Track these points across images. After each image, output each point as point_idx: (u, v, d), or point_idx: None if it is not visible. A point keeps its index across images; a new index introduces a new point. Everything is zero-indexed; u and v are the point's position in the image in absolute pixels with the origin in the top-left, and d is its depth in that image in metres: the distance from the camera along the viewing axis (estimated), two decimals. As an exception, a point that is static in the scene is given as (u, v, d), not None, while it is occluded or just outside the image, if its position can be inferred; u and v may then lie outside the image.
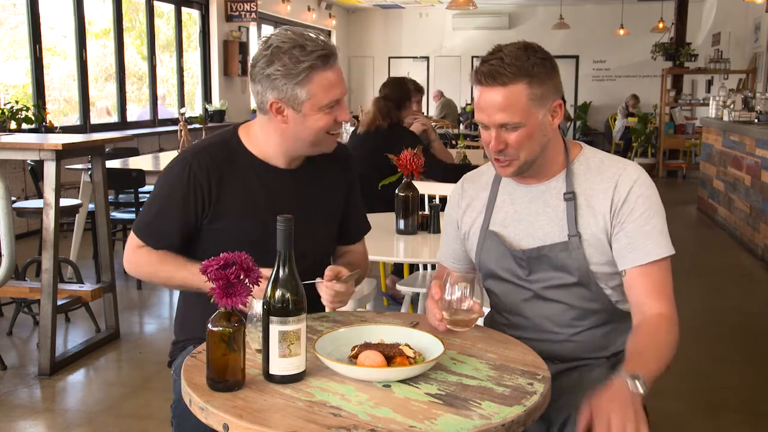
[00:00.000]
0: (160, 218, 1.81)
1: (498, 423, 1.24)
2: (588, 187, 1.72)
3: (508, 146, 1.66)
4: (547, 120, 1.67)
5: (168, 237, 1.80)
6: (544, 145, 1.69)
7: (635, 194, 1.67)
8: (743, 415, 3.26)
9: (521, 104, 1.62)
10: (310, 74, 1.65)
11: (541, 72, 1.63)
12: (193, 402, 1.33)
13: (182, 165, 1.79)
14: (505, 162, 1.69)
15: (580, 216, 1.70)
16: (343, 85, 1.74)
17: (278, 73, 1.66)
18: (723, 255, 6.43)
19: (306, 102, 1.68)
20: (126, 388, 3.42)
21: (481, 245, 1.81)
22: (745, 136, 6.75)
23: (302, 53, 1.65)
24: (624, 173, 1.70)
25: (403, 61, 16.43)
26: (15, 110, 6.25)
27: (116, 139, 4.83)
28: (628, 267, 1.67)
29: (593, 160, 1.76)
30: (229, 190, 1.79)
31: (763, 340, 4.27)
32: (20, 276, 4.02)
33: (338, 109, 1.73)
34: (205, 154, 1.80)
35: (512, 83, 1.61)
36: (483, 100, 1.65)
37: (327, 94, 1.69)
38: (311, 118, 1.71)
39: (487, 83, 1.63)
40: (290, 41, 1.66)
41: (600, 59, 15.35)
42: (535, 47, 1.67)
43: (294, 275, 1.37)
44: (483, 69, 1.64)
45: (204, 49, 10.82)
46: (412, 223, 3.02)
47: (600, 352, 1.78)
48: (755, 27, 10.68)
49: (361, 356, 1.42)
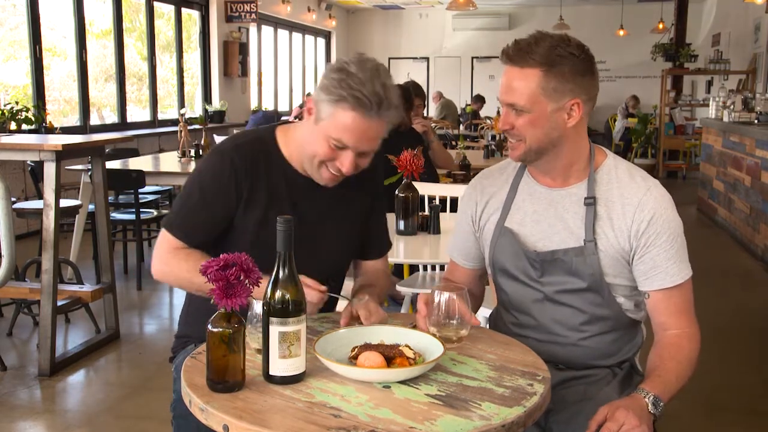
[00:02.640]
0: (199, 211, 1.77)
1: (498, 424, 1.24)
2: (609, 198, 1.69)
3: (514, 128, 1.65)
4: (559, 116, 1.63)
5: (205, 231, 1.76)
6: (555, 140, 1.66)
7: (661, 218, 1.65)
8: (743, 415, 3.26)
9: (530, 90, 1.60)
10: (338, 102, 1.62)
11: (565, 67, 1.60)
12: (193, 403, 1.33)
13: (222, 157, 1.76)
14: (513, 144, 1.69)
15: (598, 225, 1.68)
16: (361, 140, 1.66)
17: (326, 81, 1.65)
18: (723, 255, 6.43)
19: (323, 120, 1.66)
20: (126, 389, 3.42)
21: (495, 241, 1.79)
22: (745, 136, 6.75)
23: (346, 81, 1.62)
24: (648, 193, 1.67)
25: (403, 62, 16.43)
26: (15, 111, 6.25)
27: (116, 139, 4.83)
28: (652, 290, 1.68)
29: (617, 171, 1.72)
30: (259, 191, 1.77)
31: (763, 340, 4.27)
32: (20, 277, 4.02)
33: (341, 154, 1.68)
34: (246, 148, 1.78)
35: (528, 67, 1.60)
36: (503, 79, 1.65)
37: (337, 130, 1.65)
38: (318, 136, 1.68)
39: (508, 61, 1.63)
40: (353, 66, 1.64)
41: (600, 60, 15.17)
42: (571, 42, 1.63)
43: (294, 276, 1.37)
44: (511, 46, 1.64)
45: (204, 49, 10.82)
46: (412, 224, 3.02)
47: (605, 360, 1.77)
48: (755, 27, 10.68)
49: (361, 357, 1.42)
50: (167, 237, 1.77)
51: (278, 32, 13.45)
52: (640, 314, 1.78)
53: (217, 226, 1.78)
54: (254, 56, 12.29)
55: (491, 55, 16.27)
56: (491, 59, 16.30)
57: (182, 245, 1.76)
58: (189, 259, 1.73)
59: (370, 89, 1.61)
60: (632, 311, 1.75)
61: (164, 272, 1.77)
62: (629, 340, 1.79)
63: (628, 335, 1.78)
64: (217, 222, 1.77)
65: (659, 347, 1.68)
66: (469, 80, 16.52)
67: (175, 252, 1.75)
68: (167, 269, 1.76)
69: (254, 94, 12.47)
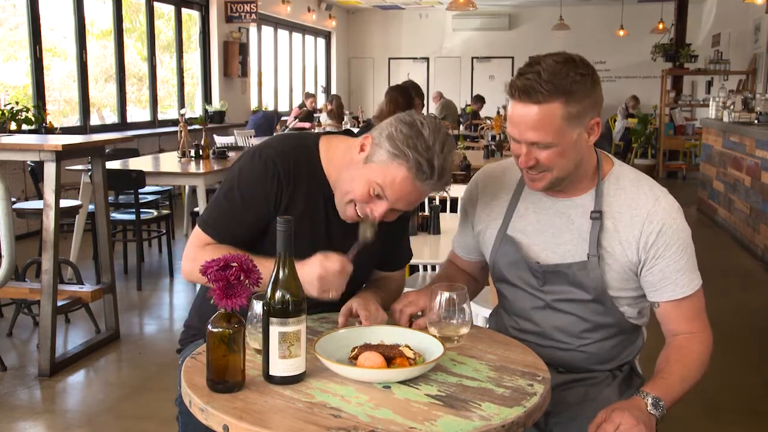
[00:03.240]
0: (236, 213, 1.74)
1: (498, 424, 1.24)
2: (616, 210, 1.65)
3: (539, 163, 1.59)
4: (582, 138, 1.59)
5: (238, 233, 1.73)
6: (578, 162, 1.63)
7: (670, 228, 1.62)
8: (743, 415, 3.26)
9: (555, 124, 1.53)
10: (396, 157, 1.58)
11: (580, 89, 1.54)
12: (193, 403, 1.33)
13: (266, 163, 1.73)
14: (537, 176, 1.63)
15: (605, 238, 1.65)
16: (402, 199, 1.62)
17: (393, 131, 1.60)
18: (723, 256, 6.43)
19: (374, 164, 1.62)
20: (126, 389, 3.43)
21: (497, 248, 1.77)
22: (745, 137, 6.75)
23: (414, 141, 1.57)
24: (656, 204, 1.63)
25: (402, 62, 16.45)
26: (15, 111, 6.26)
27: (116, 140, 4.83)
28: (662, 300, 1.66)
29: (625, 180, 1.68)
30: (297, 201, 1.75)
31: (763, 341, 4.27)
32: (20, 277, 4.02)
33: (377, 202, 1.64)
34: (290, 156, 1.75)
35: (547, 101, 1.52)
36: (516, 115, 1.57)
37: (385, 181, 1.60)
38: (361, 176, 1.64)
39: (521, 99, 1.54)
40: (426, 129, 1.59)
41: (600, 60, 15.36)
42: (576, 61, 1.56)
43: (294, 276, 1.37)
44: (518, 83, 1.54)
45: (204, 49, 10.83)
46: (412, 225, 3.02)
47: (606, 364, 1.77)
48: (755, 28, 10.68)
49: (361, 357, 1.42)
50: (199, 234, 1.76)
51: (278, 32, 13.46)
52: (643, 320, 1.77)
53: (251, 229, 1.75)
54: (254, 56, 12.30)
55: (491, 56, 16.29)
56: (491, 59, 16.32)
57: (212, 242, 1.74)
58: (216, 252, 1.67)
59: (434, 160, 1.57)
60: (635, 318, 1.74)
61: (191, 269, 1.71)
62: (630, 344, 1.79)
63: (629, 340, 1.78)
64: (251, 225, 1.75)
65: (668, 350, 1.67)
66: (469, 80, 16.53)
67: (204, 248, 1.73)
68: (194, 265, 1.68)
69: (254, 94, 12.48)
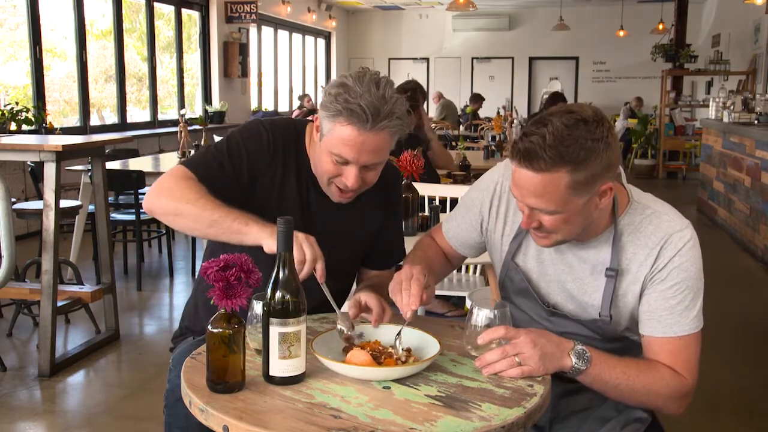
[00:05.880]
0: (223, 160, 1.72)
1: (498, 425, 1.24)
2: (632, 252, 1.56)
3: (543, 225, 1.50)
4: (592, 203, 1.47)
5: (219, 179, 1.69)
6: (588, 224, 1.52)
7: (673, 264, 1.53)
8: (743, 415, 3.26)
9: (559, 193, 1.42)
10: (335, 117, 1.60)
11: (590, 156, 1.39)
12: (193, 403, 1.33)
13: (261, 129, 1.76)
14: (541, 236, 1.54)
15: (618, 295, 1.57)
16: (360, 153, 1.61)
17: (325, 98, 1.64)
18: (723, 256, 6.43)
19: (324, 136, 1.65)
20: (126, 390, 3.42)
21: (505, 272, 1.72)
22: (745, 137, 6.75)
23: (343, 96, 1.59)
24: (670, 239, 1.54)
25: (403, 63, 16.45)
26: (15, 111, 6.26)
27: (116, 140, 4.82)
28: (645, 334, 1.57)
29: (640, 216, 1.57)
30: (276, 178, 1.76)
31: (763, 341, 4.27)
32: (20, 277, 4.02)
33: (345, 169, 1.65)
34: (283, 131, 1.78)
35: (550, 170, 1.39)
36: (518, 178, 1.46)
37: (337, 145, 1.62)
38: (322, 153, 1.68)
39: (522, 164, 1.42)
40: (350, 80, 1.61)
41: (600, 60, 15.38)
42: (589, 122, 1.40)
43: (294, 277, 1.37)
44: (520, 146, 1.42)
45: (204, 50, 10.83)
46: (412, 225, 3.02)
47: None
48: (755, 28, 10.68)
49: (349, 355, 1.43)
50: (179, 169, 1.70)
51: (278, 33, 13.46)
52: None
53: (229, 180, 1.71)
54: (254, 57, 12.30)
55: (491, 56, 16.30)
56: (491, 60, 16.33)
57: (194, 177, 1.68)
58: (194, 188, 1.64)
59: (366, 101, 1.57)
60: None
61: (168, 187, 1.64)
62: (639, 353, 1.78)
63: (633, 353, 1.77)
64: (230, 177, 1.71)
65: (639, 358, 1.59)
66: (469, 81, 16.53)
67: (185, 179, 1.66)
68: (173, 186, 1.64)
69: (254, 94, 12.48)
